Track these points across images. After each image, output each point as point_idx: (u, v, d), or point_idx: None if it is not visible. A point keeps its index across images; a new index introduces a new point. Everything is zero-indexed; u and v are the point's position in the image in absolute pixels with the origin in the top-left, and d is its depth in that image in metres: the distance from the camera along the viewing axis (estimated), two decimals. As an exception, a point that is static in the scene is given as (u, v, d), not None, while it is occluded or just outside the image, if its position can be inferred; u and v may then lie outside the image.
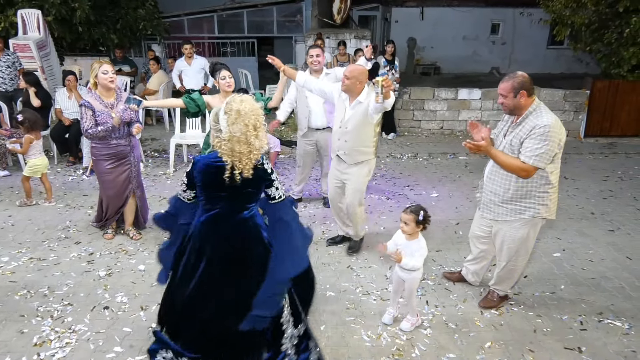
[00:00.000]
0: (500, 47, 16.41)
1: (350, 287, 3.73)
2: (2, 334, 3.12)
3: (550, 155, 2.88)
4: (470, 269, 3.69)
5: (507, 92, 2.95)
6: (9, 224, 4.76)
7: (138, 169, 4.40)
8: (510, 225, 3.14)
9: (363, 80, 3.71)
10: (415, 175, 6.47)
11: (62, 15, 8.40)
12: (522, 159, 2.89)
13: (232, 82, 4.07)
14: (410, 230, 2.99)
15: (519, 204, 3.06)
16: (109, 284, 3.72)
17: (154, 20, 10.47)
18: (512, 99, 2.94)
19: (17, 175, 6.04)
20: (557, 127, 2.86)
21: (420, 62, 16.11)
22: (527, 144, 2.88)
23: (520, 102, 2.94)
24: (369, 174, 4.01)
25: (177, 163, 6.63)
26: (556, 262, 4.15)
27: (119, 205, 4.35)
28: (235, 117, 2.26)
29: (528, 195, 3.01)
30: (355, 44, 9.20)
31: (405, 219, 2.99)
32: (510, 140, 3.00)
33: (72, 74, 6.49)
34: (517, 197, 3.04)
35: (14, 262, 4.02)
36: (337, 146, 3.96)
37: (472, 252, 3.65)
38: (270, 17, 12.74)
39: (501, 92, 2.98)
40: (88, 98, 4.04)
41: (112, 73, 4.01)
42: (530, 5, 13.22)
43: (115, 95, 4.14)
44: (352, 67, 3.77)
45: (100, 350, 2.99)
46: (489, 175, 3.20)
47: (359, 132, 3.80)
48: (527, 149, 2.88)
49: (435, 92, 8.61)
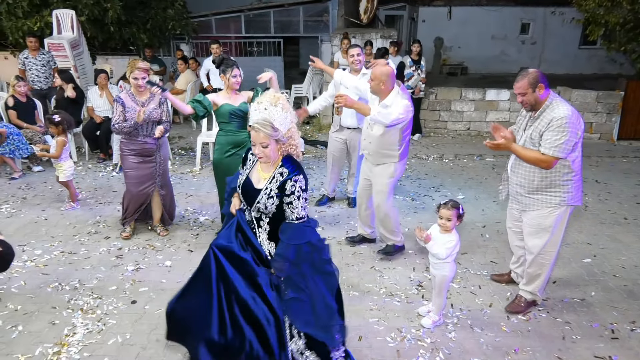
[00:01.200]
0: (529, 46, 16.07)
1: (374, 288, 3.71)
2: (35, 325, 3.22)
3: (569, 146, 2.95)
4: (517, 272, 3.66)
5: (525, 89, 3.00)
6: (42, 218, 4.91)
7: (165, 168, 4.47)
8: (540, 214, 3.17)
9: (386, 82, 3.67)
10: (440, 176, 6.40)
11: (95, 15, 8.62)
12: (543, 150, 2.97)
13: (240, 80, 4.14)
14: (450, 225, 3.00)
15: (545, 194, 3.12)
16: (137, 279, 3.80)
17: (183, 20, 10.64)
18: (531, 94, 3.01)
19: (51, 171, 6.23)
20: (575, 118, 2.94)
21: (447, 62, 15.91)
22: (546, 136, 2.96)
23: (539, 96, 3.00)
24: (393, 176, 3.93)
25: (204, 161, 6.72)
26: (586, 268, 4.04)
27: (140, 203, 4.40)
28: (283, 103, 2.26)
29: (552, 184, 3.08)
30: (381, 43, 9.13)
31: (447, 215, 2.98)
32: (530, 134, 3.08)
33: (103, 73, 6.66)
34: (543, 187, 3.11)
35: (47, 255, 4.15)
36: (363, 145, 4.01)
37: (514, 254, 3.65)
38: (297, 16, 12.79)
39: (519, 90, 3.04)
40: (122, 95, 4.21)
41: (142, 80, 4.11)
42: (562, 4, 12.91)
43: (149, 95, 4.23)
44: (375, 69, 3.77)
45: (128, 344, 3.05)
46: (513, 169, 3.27)
47: (384, 135, 3.78)
48: (547, 141, 2.96)
49: (462, 92, 8.50)
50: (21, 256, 4.10)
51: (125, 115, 4.13)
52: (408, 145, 3.96)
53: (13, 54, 9.80)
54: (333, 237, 4.54)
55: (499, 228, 4.69)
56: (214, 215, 5.02)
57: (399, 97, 3.68)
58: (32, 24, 8.13)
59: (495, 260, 4.16)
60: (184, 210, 5.13)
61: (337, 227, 4.79)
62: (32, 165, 6.33)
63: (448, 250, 3.02)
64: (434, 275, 3.15)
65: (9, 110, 6.16)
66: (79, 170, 6.28)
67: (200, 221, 4.90)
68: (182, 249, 4.31)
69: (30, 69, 7.18)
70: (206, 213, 5.09)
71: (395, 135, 3.78)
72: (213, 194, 5.61)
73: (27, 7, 8.24)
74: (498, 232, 4.66)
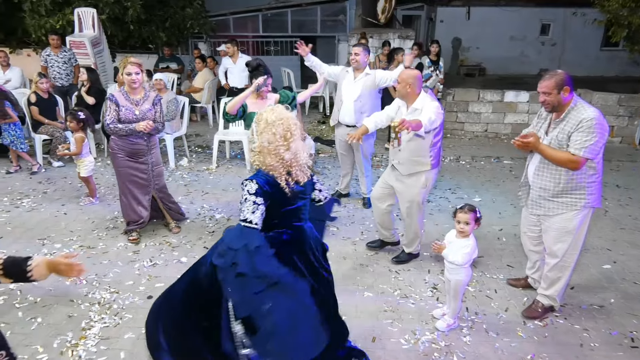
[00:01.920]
0: (549, 48, 15.83)
1: (388, 290, 3.69)
2: (53, 317, 3.28)
3: (598, 147, 2.93)
4: (534, 277, 3.61)
5: (550, 89, 2.98)
6: (61, 212, 5.00)
7: (159, 171, 4.37)
8: (564, 217, 3.12)
9: (413, 84, 3.59)
10: (457, 178, 6.35)
11: (115, 13, 8.72)
12: (572, 151, 2.94)
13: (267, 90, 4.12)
14: (467, 230, 2.98)
15: (570, 197, 3.08)
16: (153, 274, 3.84)
17: (201, 19, 10.71)
18: (555, 96, 2.98)
19: (71, 166, 6.34)
20: (602, 120, 2.94)
21: (464, 62, 15.77)
22: (575, 137, 2.93)
23: (563, 98, 2.98)
24: (425, 186, 3.80)
25: (220, 159, 6.77)
26: (606, 274, 3.97)
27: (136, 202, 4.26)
28: (263, 126, 2.24)
29: (578, 186, 3.05)
30: (399, 43, 9.11)
31: (465, 218, 2.96)
32: (556, 136, 3.04)
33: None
34: (568, 190, 3.07)
35: (66, 249, 4.22)
36: (392, 154, 3.86)
37: (530, 259, 3.60)
38: (314, 16, 12.79)
39: (544, 89, 3.01)
40: (115, 93, 4.07)
41: (135, 75, 3.94)
42: (584, 5, 12.68)
43: (143, 94, 4.11)
44: (402, 72, 3.76)
45: (143, 339, 3.07)
46: (537, 172, 3.20)
47: (415, 141, 3.65)
48: (577, 142, 2.92)
49: (480, 93, 8.41)
50: (41, 249, 4.19)
51: (119, 114, 3.99)
52: (440, 152, 3.82)
53: (35, 51, 10.00)
54: (348, 237, 4.53)
55: (516, 231, 4.62)
56: (229, 212, 5.05)
57: (427, 100, 3.60)
58: (54, 22, 8.27)
59: (511, 264, 4.11)
60: (200, 208, 5.18)
61: (352, 227, 4.78)
62: (52, 161, 6.44)
63: (466, 256, 2.98)
64: (449, 279, 3.12)
65: (31, 107, 6.27)
66: (97, 166, 6.37)
67: (216, 218, 4.94)
68: (197, 245, 4.35)
69: (52, 66, 7.30)
70: (222, 210, 5.12)
71: (425, 142, 3.65)
72: (229, 191, 5.65)
73: (50, 6, 8.38)
74: (515, 235, 4.59)
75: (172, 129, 6.48)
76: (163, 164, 4.62)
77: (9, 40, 10.88)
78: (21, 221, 4.76)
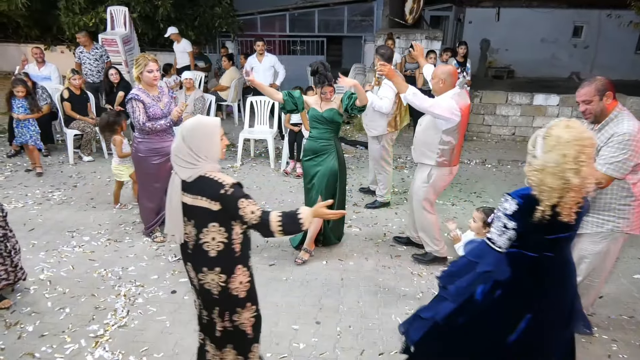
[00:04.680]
0: (582, 50, 15.41)
1: (410, 292, 3.66)
2: (81, 308, 3.37)
3: (628, 166, 2.67)
4: None
5: (591, 96, 2.75)
6: (90, 206, 5.12)
7: None
8: (589, 238, 2.95)
9: (445, 80, 3.59)
10: (482, 182, 6.25)
11: (146, 12, 8.91)
12: (597, 167, 2.68)
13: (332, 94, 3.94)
14: (476, 229, 2.98)
15: (598, 217, 2.88)
16: (177, 269, 3.90)
17: (229, 18, 10.83)
18: (597, 103, 2.75)
19: (100, 161, 6.50)
20: (638, 136, 2.65)
21: (493, 64, 15.49)
22: (603, 151, 2.71)
23: (607, 106, 2.75)
24: (427, 182, 3.83)
25: (244, 157, 6.83)
26: (637, 284, 3.85)
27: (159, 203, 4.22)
28: (553, 144, 1.90)
29: (607, 207, 2.84)
30: (426, 44, 9.00)
31: (475, 216, 3.00)
32: None
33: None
34: (595, 209, 2.86)
35: (94, 242, 4.32)
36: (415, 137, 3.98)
37: None
38: (341, 16, 12.78)
39: (584, 98, 2.78)
40: (137, 92, 3.96)
41: (156, 72, 3.94)
42: (619, 7, 12.31)
43: (159, 90, 4.10)
44: (436, 68, 3.78)
45: (167, 332, 3.14)
46: None
47: (426, 133, 3.75)
48: (602, 157, 2.70)
49: (508, 96, 8.25)
50: (70, 242, 4.30)
51: (148, 112, 3.96)
52: (452, 157, 3.74)
53: (69, 48, 10.28)
54: (370, 239, 4.51)
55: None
56: (252, 211, 5.08)
57: (447, 96, 3.58)
58: (87, 19, 8.50)
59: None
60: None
61: (375, 229, 4.76)
62: (82, 155, 6.60)
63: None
64: None
65: (63, 102, 6.45)
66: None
67: (239, 216, 4.98)
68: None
69: (84, 62, 7.48)
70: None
71: (434, 136, 3.67)
72: (253, 189, 5.70)
73: (84, 4, 8.62)
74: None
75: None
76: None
77: (45, 37, 11.24)
78: (52, 214, 4.90)
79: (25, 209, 4.97)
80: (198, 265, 2.15)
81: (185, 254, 2.21)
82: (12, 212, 4.86)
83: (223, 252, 2.10)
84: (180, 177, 2.09)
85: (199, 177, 2.07)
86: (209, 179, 2.07)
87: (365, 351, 3.02)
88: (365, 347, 3.05)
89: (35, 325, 3.17)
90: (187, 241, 2.15)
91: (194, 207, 2.07)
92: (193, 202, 2.07)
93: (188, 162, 2.06)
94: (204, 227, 2.08)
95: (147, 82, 3.97)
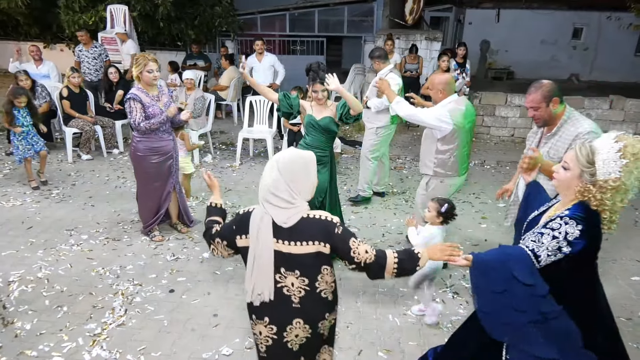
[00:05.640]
0: (581, 52, 15.43)
1: (408, 293, 3.65)
2: (79, 307, 3.36)
3: None
4: None
5: (538, 103, 2.80)
6: (89, 204, 5.12)
7: (177, 166, 4.35)
8: None
9: (444, 89, 3.57)
10: (481, 183, 6.25)
11: (146, 11, 8.90)
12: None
13: (324, 95, 3.79)
14: (430, 218, 3.12)
15: None
16: (175, 268, 3.90)
17: (229, 17, 10.82)
18: (544, 109, 2.80)
19: (99, 159, 6.50)
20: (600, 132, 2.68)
21: (492, 65, 15.50)
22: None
23: (553, 111, 2.80)
24: (426, 190, 3.84)
25: (243, 157, 6.82)
26: (634, 287, 3.85)
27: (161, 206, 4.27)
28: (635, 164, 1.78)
29: None
30: (426, 45, 9.03)
31: (430, 206, 3.14)
32: (547, 152, 2.86)
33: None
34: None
35: (92, 241, 4.32)
36: None
37: None
38: (341, 16, 12.78)
39: (531, 104, 2.83)
40: (136, 92, 3.92)
41: (156, 72, 3.91)
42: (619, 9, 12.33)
43: (158, 89, 4.08)
44: (432, 77, 3.77)
45: (165, 331, 3.14)
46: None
47: (425, 142, 3.80)
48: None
49: (508, 97, 8.26)
50: (68, 240, 4.30)
51: (147, 112, 3.93)
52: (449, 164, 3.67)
53: (69, 46, 10.27)
54: (369, 239, 4.51)
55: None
56: (251, 210, 5.09)
57: (442, 103, 3.59)
58: (87, 18, 8.49)
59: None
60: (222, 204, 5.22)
61: (373, 229, 4.76)
62: (81, 154, 6.59)
63: (422, 238, 3.08)
64: None
65: (62, 100, 6.44)
66: (124, 160, 6.51)
67: (238, 216, 4.98)
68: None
69: (83, 61, 7.47)
70: (244, 207, 5.15)
71: (430, 145, 3.70)
72: (251, 189, 5.70)
73: (84, 2, 8.61)
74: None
75: (198, 125, 6.56)
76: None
77: (44, 35, 11.23)
78: (50, 212, 4.89)
79: (23, 207, 4.96)
80: (316, 316, 1.94)
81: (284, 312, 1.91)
82: (10, 210, 4.88)
83: (335, 291, 2.00)
84: (277, 222, 1.82)
85: (301, 220, 1.82)
86: (315, 219, 1.83)
87: (364, 351, 3.02)
88: (363, 347, 3.06)
89: (32, 324, 3.17)
90: (289, 295, 1.88)
91: (298, 256, 1.82)
92: (298, 250, 1.82)
93: (286, 200, 1.81)
94: (318, 274, 1.86)
95: (146, 81, 3.94)
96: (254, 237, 1.84)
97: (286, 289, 1.87)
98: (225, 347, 2.99)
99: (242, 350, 2.99)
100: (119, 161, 6.58)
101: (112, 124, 6.86)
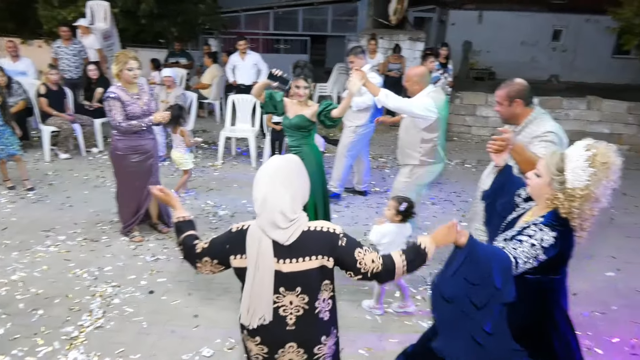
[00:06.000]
0: (561, 54, 15.72)
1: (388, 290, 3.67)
2: (55, 310, 3.30)
3: None
4: None
5: (502, 100, 2.85)
6: (67, 205, 5.02)
7: (157, 168, 4.29)
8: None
9: (418, 82, 3.71)
10: (462, 182, 6.32)
11: (128, 7, 8.77)
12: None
13: (305, 93, 3.75)
14: (389, 215, 3.16)
15: None
16: (155, 269, 3.85)
17: (213, 15, 10.75)
18: (506, 107, 2.84)
19: (77, 158, 6.38)
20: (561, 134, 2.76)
21: (474, 66, 15.69)
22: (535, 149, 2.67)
23: (516, 111, 2.83)
24: (410, 177, 3.95)
25: (226, 155, 6.78)
26: (609, 282, 3.94)
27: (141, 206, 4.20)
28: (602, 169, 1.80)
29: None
30: (409, 45, 9.08)
31: (390, 204, 3.18)
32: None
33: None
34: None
35: (70, 242, 4.24)
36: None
37: None
38: (325, 15, 12.80)
39: (497, 99, 2.89)
40: (115, 90, 3.85)
41: (137, 70, 3.84)
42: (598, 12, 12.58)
43: (138, 88, 4.01)
44: (408, 70, 3.88)
45: (144, 333, 3.10)
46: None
47: (407, 133, 3.90)
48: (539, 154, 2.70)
49: (488, 97, 8.36)
50: (45, 241, 4.21)
51: (126, 111, 3.85)
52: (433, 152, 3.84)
53: (47, 42, 10.06)
54: (351, 238, 4.52)
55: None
56: (233, 209, 5.06)
57: (422, 94, 3.68)
58: (66, 13, 8.33)
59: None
60: (204, 204, 5.19)
61: (355, 228, 4.76)
62: (59, 153, 6.48)
63: (378, 235, 3.14)
64: None
65: (40, 98, 6.31)
66: (104, 159, 6.41)
67: (219, 215, 4.95)
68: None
69: (62, 58, 7.33)
70: (226, 207, 5.13)
71: (415, 135, 3.81)
72: (233, 188, 5.66)
73: (63, -3, 8.46)
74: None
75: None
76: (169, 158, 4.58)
77: (21, 31, 10.98)
78: (26, 212, 4.79)
79: (-2, 207, 4.86)
80: (311, 339, 1.79)
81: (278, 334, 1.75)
82: (-16, 211, 4.76)
83: (333, 309, 1.83)
84: (280, 241, 1.67)
85: (302, 234, 1.69)
86: (317, 232, 1.71)
87: (345, 349, 3.02)
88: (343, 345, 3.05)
89: (6, 328, 3.09)
90: (284, 315, 1.72)
91: (300, 273, 1.69)
92: (300, 267, 1.69)
93: (289, 219, 1.66)
94: (317, 291, 1.73)
95: (126, 80, 3.87)
96: (252, 262, 1.69)
97: (283, 309, 1.73)
98: (206, 348, 2.97)
99: (222, 351, 2.96)
100: (98, 160, 6.48)
101: (91, 122, 6.75)
